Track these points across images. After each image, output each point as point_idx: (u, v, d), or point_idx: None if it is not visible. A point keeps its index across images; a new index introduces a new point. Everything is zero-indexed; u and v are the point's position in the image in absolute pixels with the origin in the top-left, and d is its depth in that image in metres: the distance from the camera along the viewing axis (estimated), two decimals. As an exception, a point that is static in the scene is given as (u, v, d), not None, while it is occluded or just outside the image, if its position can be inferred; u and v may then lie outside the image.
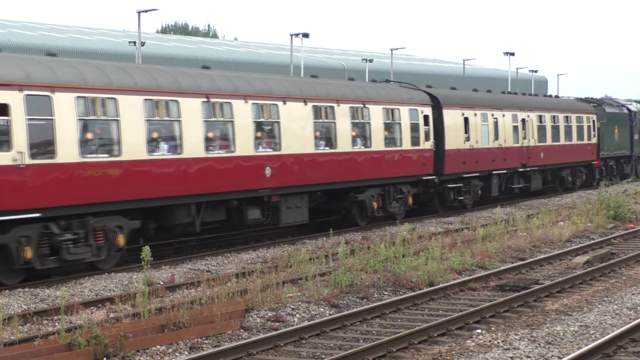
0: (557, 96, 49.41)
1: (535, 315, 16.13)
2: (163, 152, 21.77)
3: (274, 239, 26.92)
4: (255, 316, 15.85)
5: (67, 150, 19.22)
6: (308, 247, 24.36)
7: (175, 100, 21.98)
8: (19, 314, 15.70)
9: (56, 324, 15.35)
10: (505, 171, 37.69)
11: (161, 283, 19.23)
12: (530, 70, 79.48)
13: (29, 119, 18.46)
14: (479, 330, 14.85)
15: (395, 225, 28.86)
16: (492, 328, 15.09)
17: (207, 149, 22.83)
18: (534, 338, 13.80)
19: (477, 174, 35.45)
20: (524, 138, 39.04)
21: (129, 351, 13.39)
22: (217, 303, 15.72)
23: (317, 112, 26.79)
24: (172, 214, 22.36)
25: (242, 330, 15.03)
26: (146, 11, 46.89)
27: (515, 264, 21.60)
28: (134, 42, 48.74)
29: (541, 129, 40.73)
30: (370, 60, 66.27)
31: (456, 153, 33.66)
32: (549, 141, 41.43)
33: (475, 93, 39.23)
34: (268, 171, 24.62)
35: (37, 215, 18.69)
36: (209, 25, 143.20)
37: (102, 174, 20.00)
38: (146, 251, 15.86)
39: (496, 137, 36.63)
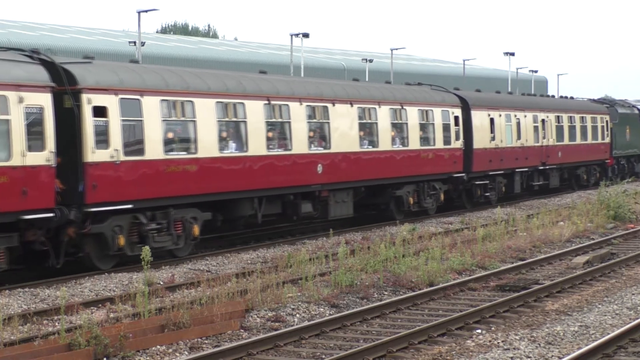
0: (572, 97, 51.33)
1: (535, 315, 16.13)
2: (231, 150, 23.92)
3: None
4: (255, 316, 15.85)
5: (154, 148, 21.47)
6: (308, 247, 24.36)
7: (242, 103, 24.21)
8: (19, 314, 15.70)
9: (56, 324, 15.35)
10: (526, 169, 39.66)
11: (161, 283, 19.23)
12: (530, 70, 79.39)
13: (123, 120, 20.75)
14: (479, 330, 14.85)
15: (395, 225, 29.01)
16: (492, 328, 15.09)
17: (268, 147, 24.96)
18: (534, 338, 13.80)
19: (502, 172, 37.43)
20: (544, 138, 40.97)
21: (129, 351, 13.39)
22: (217, 303, 15.72)
23: (361, 113, 28.93)
24: (238, 207, 24.45)
25: (242, 331, 15.03)
26: (146, 11, 46.86)
27: (515, 264, 21.60)
28: (134, 42, 48.70)
29: (559, 129, 42.71)
30: (370, 60, 66.20)
31: (483, 152, 35.70)
32: (566, 140, 43.40)
33: (500, 95, 41.75)
34: (319, 168, 26.81)
35: (130, 206, 20.86)
36: (209, 26, 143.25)
37: (182, 170, 22.27)
38: (146, 251, 15.84)
39: (519, 137, 38.60)
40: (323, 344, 14.15)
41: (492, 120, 36.39)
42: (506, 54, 69.61)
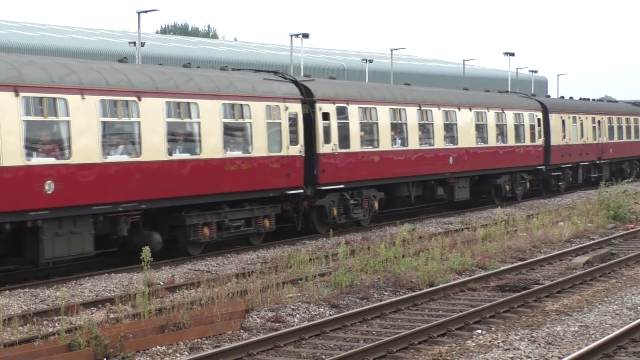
0: (615, 101, 56.51)
1: (535, 315, 16.12)
2: (398, 145, 31.01)
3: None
4: (256, 317, 15.85)
5: (355, 143, 28.71)
6: (308, 248, 24.37)
7: (404, 109, 31.40)
8: (19, 314, 15.71)
9: (56, 324, 15.35)
10: (587, 163, 46.90)
11: (161, 283, 19.23)
12: (530, 71, 79.36)
13: (338, 122, 27.98)
14: (479, 331, 14.85)
15: (395, 225, 29.21)
16: (492, 328, 15.09)
17: (419, 142, 31.95)
18: (534, 338, 13.80)
19: (570, 165, 44.75)
20: (600, 136, 48.14)
21: (129, 352, 13.38)
22: (217, 304, 15.72)
23: (477, 116, 36.15)
24: (399, 189, 31.63)
25: (242, 331, 15.03)
26: (146, 12, 46.76)
27: (515, 264, 21.60)
28: (134, 43, 48.63)
29: (610, 129, 49.83)
30: (370, 61, 66.17)
31: (557, 148, 42.90)
32: (615, 139, 50.54)
33: (568, 100, 49.45)
34: (451, 160, 33.76)
35: (342, 186, 28.07)
36: (208, 26, 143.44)
37: (370, 159, 29.46)
38: (146, 252, 15.82)
39: (581, 136, 45.85)
40: (323, 344, 14.15)
41: (563, 121, 43.49)
42: (506, 54, 69.54)
